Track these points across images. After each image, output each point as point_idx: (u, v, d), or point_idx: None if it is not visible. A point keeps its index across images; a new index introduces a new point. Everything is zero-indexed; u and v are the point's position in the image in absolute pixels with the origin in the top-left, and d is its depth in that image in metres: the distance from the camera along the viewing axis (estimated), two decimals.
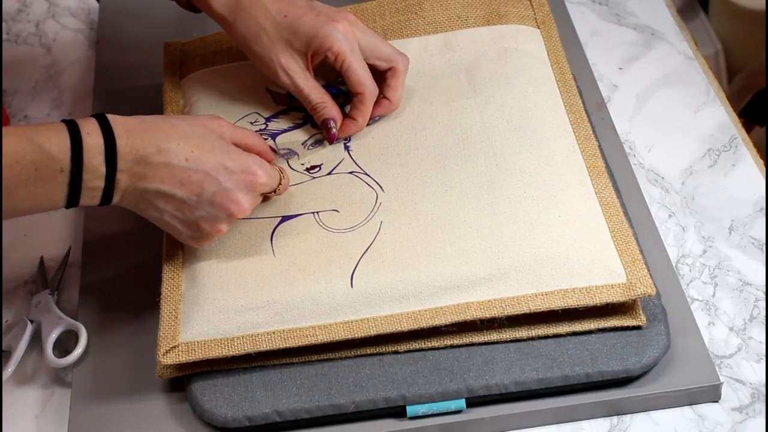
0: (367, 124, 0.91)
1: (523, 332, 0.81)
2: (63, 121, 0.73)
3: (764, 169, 0.98)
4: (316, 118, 0.89)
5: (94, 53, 1.15)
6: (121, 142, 0.73)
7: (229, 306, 0.81)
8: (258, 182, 0.80)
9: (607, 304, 0.80)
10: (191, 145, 0.76)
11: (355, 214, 0.85)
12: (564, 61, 0.96)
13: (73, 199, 0.73)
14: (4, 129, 0.70)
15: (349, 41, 0.86)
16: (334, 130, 0.88)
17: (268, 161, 0.84)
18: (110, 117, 0.74)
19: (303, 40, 0.86)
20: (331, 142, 0.90)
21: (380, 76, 0.90)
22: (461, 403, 0.79)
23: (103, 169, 0.73)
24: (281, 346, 0.79)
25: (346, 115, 0.90)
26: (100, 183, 0.73)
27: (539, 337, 0.81)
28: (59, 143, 0.71)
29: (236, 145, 0.81)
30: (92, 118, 0.74)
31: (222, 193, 0.77)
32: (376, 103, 0.90)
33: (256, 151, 0.83)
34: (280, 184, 0.84)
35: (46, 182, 0.71)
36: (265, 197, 0.85)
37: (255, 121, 0.93)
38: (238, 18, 0.87)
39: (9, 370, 0.86)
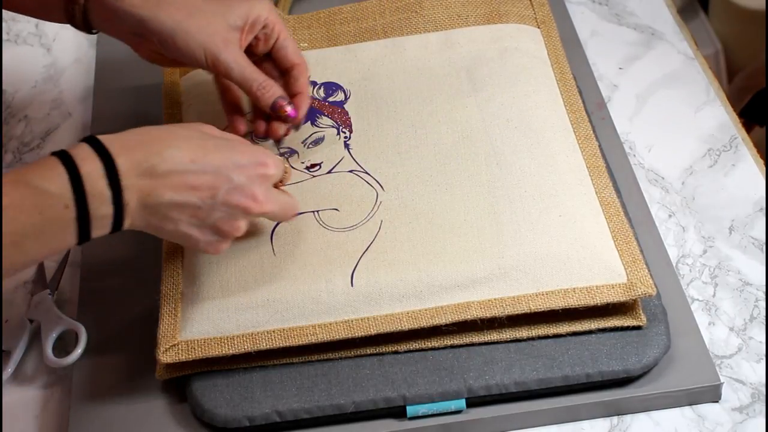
0: (297, 129, 0.88)
1: (523, 332, 0.81)
2: (53, 153, 0.68)
3: (764, 169, 0.98)
4: (262, 101, 0.82)
5: (94, 53, 1.15)
6: (121, 161, 0.68)
7: (229, 304, 0.81)
8: (269, 173, 0.76)
9: (608, 304, 0.80)
10: (193, 146, 0.72)
11: (356, 213, 0.85)
12: (564, 60, 0.97)
13: (84, 233, 0.68)
14: None
15: (279, 16, 0.84)
16: (290, 107, 0.83)
17: None
18: (102, 138, 0.69)
19: (240, 14, 0.81)
20: (296, 124, 0.85)
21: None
22: (461, 403, 0.79)
23: (108, 193, 0.68)
24: (281, 345, 0.79)
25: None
26: (109, 209, 0.68)
27: (539, 337, 0.81)
28: (56, 178, 0.67)
29: None
30: (83, 143, 0.69)
31: (236, 191, 0.73)
32: (296, 103, 0.85)
33: None
34: (285, 173, 0.79)
35: (53, 224, 0.67)
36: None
37: None
38: (163, 4, 0.80)
39: (9, 370, 0.86)
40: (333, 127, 0.91)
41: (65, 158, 0.68)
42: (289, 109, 0.82)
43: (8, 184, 0.66)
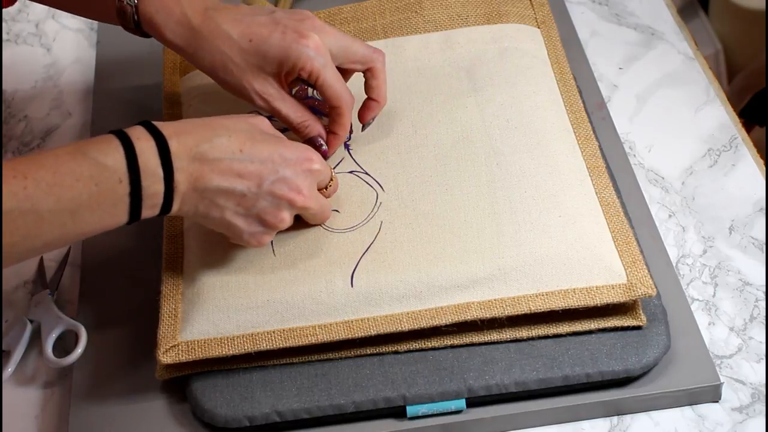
0: (363, 129, 0.89)
1: (523, 332, 0.81)
2: (110, 132, 0.72)
3: (764, 169, 0.98)
4: (300, 135, 0.85)
5: (94, 53, 1.15)
6: (173, 142, 0.72)
7: (229, 305, 0.81)
8: (314, 168, 0.79)
9: (608, 305, 0.80)
10: (242, 137, 0.75)
11: (356, 213, 0.85)
12: (564, 60, 0.97)
13: (135, 210, 0.71)
14: (57, 149, 0.69)
15: (321, 56, 0.82)
16: (324, 146, 0.86)
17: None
18: (156, 123, 0.73)
19: (274, 63, 0.81)
20: (325, 159, 0.86)
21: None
22: (461, 403, 0.79)
23: (160, 172, 0.71)
24: (281, 346, 0.79)
25: (327, 129, 0.86)
26: (160, 187, 0.72)
27: (539, 337, 0.81)
28: (113, 153, 0.70)
29: None
30: (138, 125, 0.72)
31: (282, 182, 0.76)
32: (365, 106, 0.88)
33: None
34: (331, 180, 0.83)
35: (107, 197, 0.70)
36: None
37: None
38: (200, 49, 0.82)
39: (9, 370, 0.86)
40: None
41: (121, 136, 0.71)
42: (324, 149, 0.85)
43: (67, 155, 0.69)
